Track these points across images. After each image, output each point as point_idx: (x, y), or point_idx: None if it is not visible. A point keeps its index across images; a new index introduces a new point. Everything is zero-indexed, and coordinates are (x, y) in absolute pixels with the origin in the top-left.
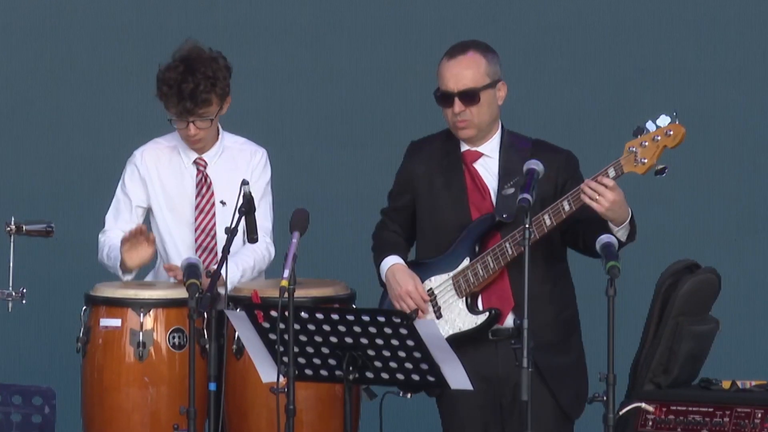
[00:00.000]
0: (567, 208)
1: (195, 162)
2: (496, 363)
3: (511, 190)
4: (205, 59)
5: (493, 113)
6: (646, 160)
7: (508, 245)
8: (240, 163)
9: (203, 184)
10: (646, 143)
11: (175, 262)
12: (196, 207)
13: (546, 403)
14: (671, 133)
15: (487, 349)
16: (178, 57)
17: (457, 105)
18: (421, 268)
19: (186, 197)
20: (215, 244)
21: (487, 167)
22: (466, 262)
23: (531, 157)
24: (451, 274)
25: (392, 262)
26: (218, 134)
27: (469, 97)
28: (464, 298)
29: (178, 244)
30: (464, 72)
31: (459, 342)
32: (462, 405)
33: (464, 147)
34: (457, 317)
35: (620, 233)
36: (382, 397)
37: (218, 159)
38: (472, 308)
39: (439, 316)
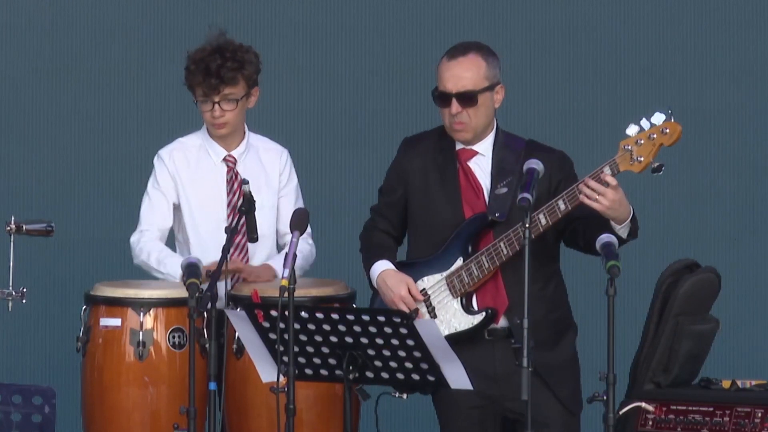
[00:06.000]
0: (563, 207)
1: (225, 159)
2: (493, 363)
3: (504, 190)
4: (235, 45)
5: (489, 116)
6: (642, 159)
7: (503, 245)
8: (266, 162)
9: (234, 181)
10: (642, 141)
11: (204, 261)
12: (229, 204)
13: (549, 400)
14: (667, 131)
15: (483, 349)
16: (208, 42)
17: (454, 106)
18: (413, 268)
19: (217, 195)
20: (246, 241)
21: (481, 166)
22: (459, 262)
23: (525, 157)
24: (445, 274)
25: (382, 268)
26: (244, 130)
27: (467, 99)
28: (459, 299)
29: (208, 243)
30: (463, 74)
31: (455, 342)
32: (458, 405)
33: (459, 145)
34: (453, 317)
35: (622, 231)
36: (378, 398)
37: (246, 157)
38: (467, 308)
39: (433, 316)
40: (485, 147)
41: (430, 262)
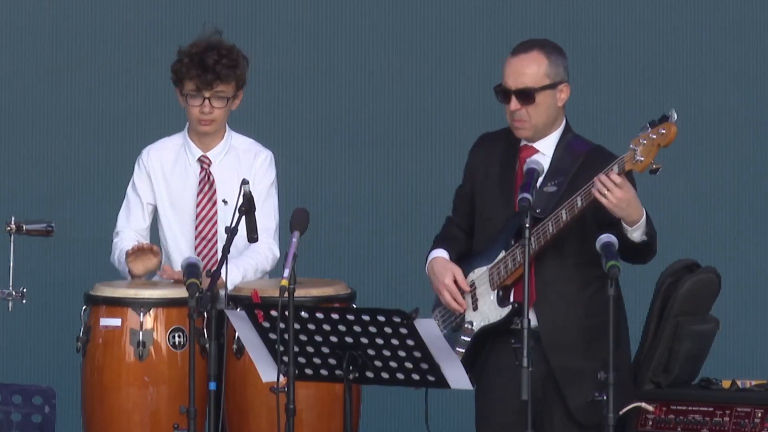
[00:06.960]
0: (579, 203)
1: (199, 160)
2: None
3: (553, 189)
4: (225, 44)
5: (550, 115)
6: (643, 158)
7: (533, 239)
8: (244, 163)
9: (206, 181)
10: (645, 141)
11: (177, 259)
12: (198, 204)
13: (556, 405)
14: (663, 131)
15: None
16: (202, 38)
17: (513, 103)
18: (469, 260)
19: (189, 195)
20: (215, 242)
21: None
22: (501, 254)
23: (584, 161)
24: (489, 266)
25: (434, 255)
26: (225, 131)
27: (525, 96)
28: (496, 291)
29: (180, 242)
30: (524, 71)
31: (492, 335)
32: (499, 403)
33: (523, 142)
34: (488, 309)
35: (635, 234)
36: (426, 390)
37: (223, 157)
38: (501, 301)
39: (475, 308)
40: (546, 145)
41: (481, 254)
